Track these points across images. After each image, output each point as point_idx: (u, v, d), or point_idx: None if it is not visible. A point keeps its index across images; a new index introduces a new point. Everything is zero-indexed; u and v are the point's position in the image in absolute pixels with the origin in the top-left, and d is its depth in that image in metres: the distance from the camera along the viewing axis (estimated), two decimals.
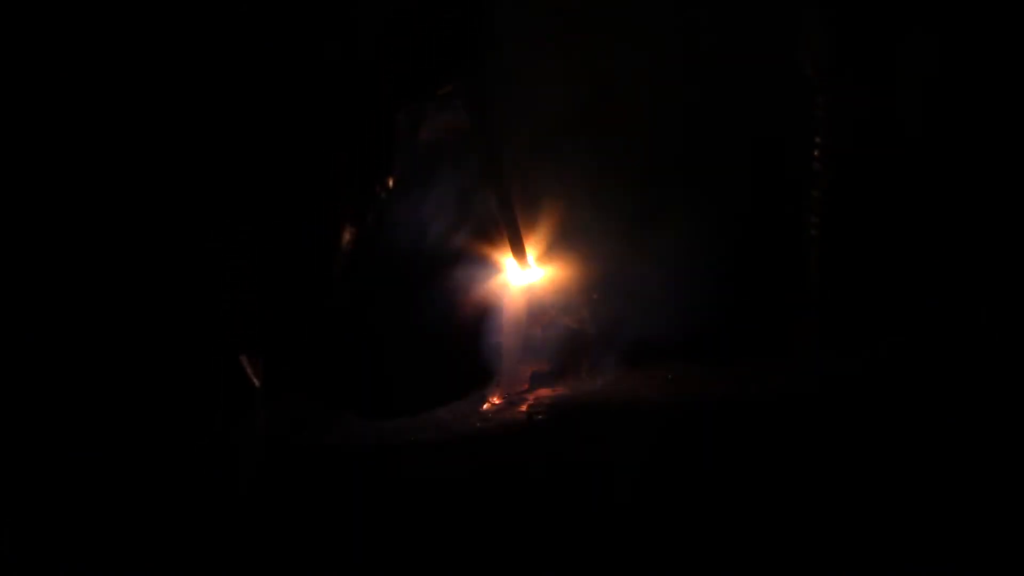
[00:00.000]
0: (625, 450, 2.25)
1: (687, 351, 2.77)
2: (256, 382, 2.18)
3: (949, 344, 2.38)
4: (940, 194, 2.41)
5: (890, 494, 2.01)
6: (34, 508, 1.95)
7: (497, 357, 2.76)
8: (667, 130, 2.82)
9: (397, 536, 2.02)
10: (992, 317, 2.36)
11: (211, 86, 2.11)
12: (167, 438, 2.03)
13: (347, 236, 2.35)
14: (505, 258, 2.73)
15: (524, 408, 2.56)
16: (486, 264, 2.74)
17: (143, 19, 2.06)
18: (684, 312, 2.80)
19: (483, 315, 2.78)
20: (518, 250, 2.63)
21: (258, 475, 2.09)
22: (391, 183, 2.47)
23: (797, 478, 2.08)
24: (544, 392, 2.67)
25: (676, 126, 2.80)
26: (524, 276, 2.71)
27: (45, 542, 1.92)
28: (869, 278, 2.45)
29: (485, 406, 2.62)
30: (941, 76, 2.37)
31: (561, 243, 2.84)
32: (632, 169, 2.86)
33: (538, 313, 2.80)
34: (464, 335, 2.78)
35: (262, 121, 2.16)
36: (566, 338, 2.83)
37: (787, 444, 2.19)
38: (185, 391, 2.07)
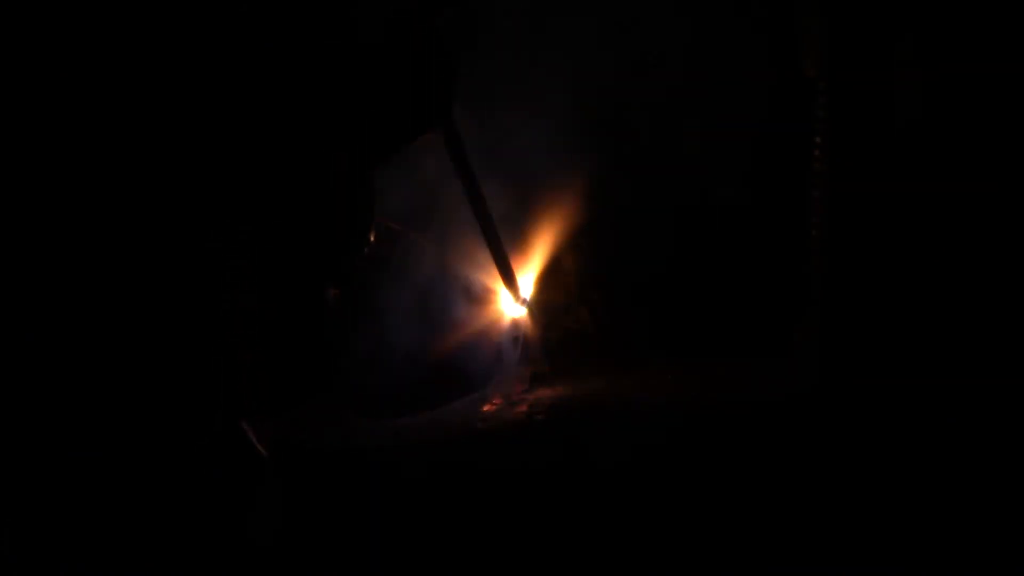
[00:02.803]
0: (625, 450, 2.25)
1: (687, 351, 2.77)
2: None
3: (949, 343, 2.38)
4: (941, 193, 2.41)
5: (890, 495, 2.01)
6: (34, 508, 1.95)
7: (497, 358, 2.76)
8: (664, 129, 2.83)
9: (398, 536, 2.02)
10: (991, 317, 2.37)
11: (211, 85, 2.11)
12: (167, 438, 2.03)
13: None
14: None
15: (524, 408, 2.56)
16: (486, 263, 2.74)
17: (142, 18, 2.06)
18: (684, 312, 2.81)
19: (483, 315, 2.78)
20: (508, 277, 2.65)
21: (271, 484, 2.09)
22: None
23: (798, 479, 2.09)
24: (544, 392, 2.67)
25: (673, 125, 2.81)
26: (523, 278, 2.71)
27: (45, 542, 1.92)
28: (870, 278, 2.45)
29: (485, 406, 2.62)
30: (942, 75, 2.37)
31: (559, 245, 2.84)
32: (628, 167, 2.87)
33: (538, 314, 2.80)
34: (464, 336, 2.78)
35: (262, 121, 2.16)
36: (566, 338, 2.83)
37: (787, 444, 2.19)
38: (185, 391, 2.07)
